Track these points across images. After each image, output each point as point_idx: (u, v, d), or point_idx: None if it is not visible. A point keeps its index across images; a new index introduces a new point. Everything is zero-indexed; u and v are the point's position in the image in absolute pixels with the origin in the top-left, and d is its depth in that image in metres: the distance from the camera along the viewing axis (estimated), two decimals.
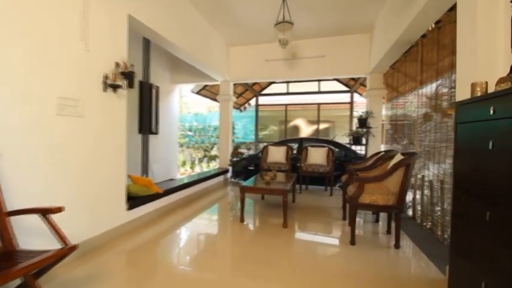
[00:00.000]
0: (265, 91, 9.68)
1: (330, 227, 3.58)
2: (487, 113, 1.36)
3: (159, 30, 3.63)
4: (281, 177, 4.23)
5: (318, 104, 9.28)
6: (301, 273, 2.23)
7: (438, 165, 3.12)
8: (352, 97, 8.80)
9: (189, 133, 10.50)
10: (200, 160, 9.93)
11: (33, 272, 1.60)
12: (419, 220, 3.58)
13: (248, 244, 2.90)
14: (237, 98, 8.65)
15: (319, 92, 8.98)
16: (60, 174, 2.25)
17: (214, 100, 8.49)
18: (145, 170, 5.63)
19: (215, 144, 9.87)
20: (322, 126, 9.64)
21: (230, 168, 6.63)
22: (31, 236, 1.94)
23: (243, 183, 3.81)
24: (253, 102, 9.89)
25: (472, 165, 1.55)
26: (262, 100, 9.91)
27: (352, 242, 2.80)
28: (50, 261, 1.52)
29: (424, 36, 3.59)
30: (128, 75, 2.82)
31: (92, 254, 2.46)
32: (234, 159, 6.57)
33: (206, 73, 5.95)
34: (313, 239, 3.19)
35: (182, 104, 10.00)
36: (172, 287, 2.00)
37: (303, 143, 6.54)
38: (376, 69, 5.37)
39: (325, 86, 8.88)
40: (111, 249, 2.60)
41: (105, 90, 2.68)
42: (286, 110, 9.75)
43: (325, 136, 9.41)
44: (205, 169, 9.28)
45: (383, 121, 5.69)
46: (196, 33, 4.87)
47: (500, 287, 1.27)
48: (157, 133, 5.94)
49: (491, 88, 1.56)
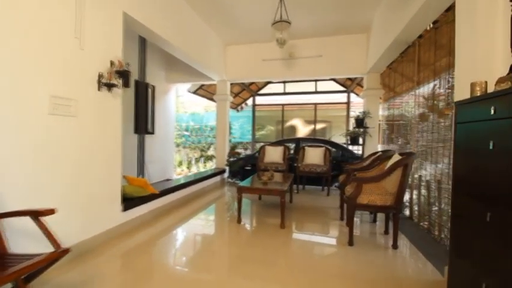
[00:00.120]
0: (262, 91, 9.65)
1: (328, 228, 3.57)
2: (488, 112, 1.35)
3: (155, 28, 3.59)
4: (278, 178, 4.20)
5: (315, 104, 9.28)
6: (298, 274, 2.21)
7: (435, 165, 3.12)
8: (348, 97, 8.82)
9: (185, 133, 10.44)
10: (197, 160, 9.87)
11: (24, 276, 1.55)
12: (416, 220, 3.58)
13: (245, 245, 2.87)
14: (233, 97, 8.59)
15: (316, 92, 8.98)
16: (53, 175, 2.20)
17: (211, 100, 8.45)
18: (141, 170, 5.57)
19: (212, 144, 9.82)
20: (319, 126, 9.64)
21: (227, 168, 6.59)
22: (23, 239, 1.89)
23: (240, 184, 3.77)
24: (250, 102, 9.86)
25: (472, 166, 1.54)
26: (259, 100, 9.88)
27: (350, 242, 2.79)
28: (41, 265, 1.47)
29: (421, 36, 3.59)
30: (123, 74, 2.77)
31: (86, 256, 2.41)
32: (231, 159, 6.54)
33: (203, 72, 5.91)
34: (310, 239, 3.17)
35: (178, 104, 9.92)
36: None
37: (300, 143, 6.52)
38: (373, 69, 5.38)
39: (322, 86, 8.88)
40: (106, 251, 2.55)
41: (99, 90, 2.63)
42: (283, 110, 9.74)
43: (321, 136, 9.42)
44: (201, 169, 9.23)
45: (380, 121, 5.70)
46: (193, 31, 4.83)
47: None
48: (153, 133, 5.88)
49: (490, 88, 1.56)
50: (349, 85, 8.44)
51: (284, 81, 9.00)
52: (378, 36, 4.74)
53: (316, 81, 8.72)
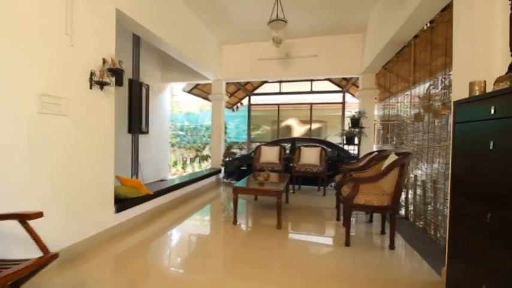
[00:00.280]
0: (257, 90, 9.62)
1: (324, 228, 3.55)
2: (488, 112, 1.33)
3: (149, 26, 3.52)
4: (274, 178, 4.17)
5: (310, 104, 9.29)
6: (295, 274, 2.18)
7: (430, 165, 3.13)
8: (344, 97, 8.85)
9: (180, 133, 10.34)
10: (192, 160, 9.79)
11: (10, 283, 1.48)
12: (412, 219, 3.59)
13: (241, 246, 2.83)
14: (229, 97, 8.55)
15: (312, 92, 8.99)
16: (42, 176, 2.13)
17: (206, 99, 8.37)
18: (135, 170, 5.48)
19: (207, 144, 9.75)
20: (314, 126, 9.66)
21: (222, 168, 6.54)
22: (9, 243, 1.82)
23: (236, 184, 3.73)
24: (245, 101, 9.82)
25: (471, 166, 1.53)
26: (255, 100, 9.85)
27: (346, 243, 2.77)
28: (29, 271, 1.41)
29: (416, 36, 3.59)
30: (116, 72, 2.71)
31: (77, 260, 2.33)
32: (227, 160, 6.48)
33: (198, 71, 5.84)
34: (307, 239, 3.15)
35: (173, 103, 9.82)
36: None
37: (295, 143, 6.51)
38: (368, 69, 5.38)
39: (318, 86, 8.89)
40: (98, 254, 2.48)
41: (91, 88, 2.56)
42: (278, 109, 9.72)
43: (317, 136, 9.43)
44: (197, 169, 9.15)
45: (375, 121, 5.72)
46: (188, 30, 4.76)
47: None
48: (147, 133, 5.78)
49: (489, 87, 1.54)
50: (345, 85, 8.47)
51: (280, 81, 8.98)
52: (373, 36, 4.74)
53: (311, 81, 8.72)
